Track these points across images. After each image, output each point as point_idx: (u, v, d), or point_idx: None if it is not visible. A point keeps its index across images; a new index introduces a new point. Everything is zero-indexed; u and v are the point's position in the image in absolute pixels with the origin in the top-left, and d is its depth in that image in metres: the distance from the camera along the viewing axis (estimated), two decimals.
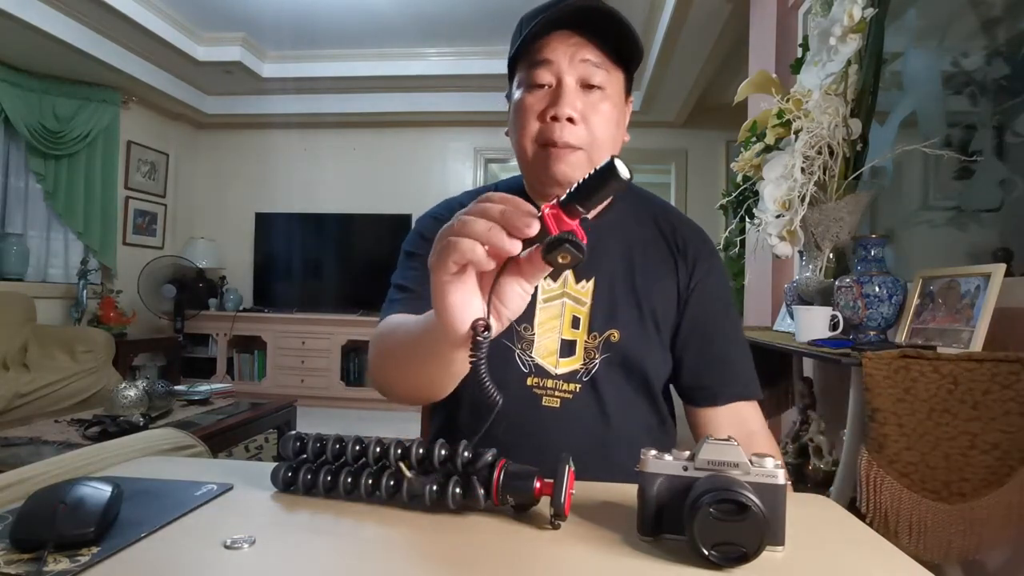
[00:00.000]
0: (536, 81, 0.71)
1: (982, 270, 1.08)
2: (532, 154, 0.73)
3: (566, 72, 0.70)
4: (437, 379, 0.58)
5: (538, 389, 0.73)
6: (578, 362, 0.74)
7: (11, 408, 2.72)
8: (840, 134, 1.32)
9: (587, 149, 0.71)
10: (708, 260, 0.79)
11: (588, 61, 0.70)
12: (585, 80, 0.71)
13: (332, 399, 4.30)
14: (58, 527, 0.41)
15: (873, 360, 0.98)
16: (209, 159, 5.01)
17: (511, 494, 0.48)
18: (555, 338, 0.74)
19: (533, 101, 0.72)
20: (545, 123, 0.71)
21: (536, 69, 0.71)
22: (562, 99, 0.70)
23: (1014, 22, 1.29)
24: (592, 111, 0.71)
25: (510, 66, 0.77)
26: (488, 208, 0.43)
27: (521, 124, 0.73)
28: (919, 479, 0.95)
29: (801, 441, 1.54)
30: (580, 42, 0.70)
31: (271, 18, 3.65)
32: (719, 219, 2.64)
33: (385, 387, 0.67)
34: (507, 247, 0.42)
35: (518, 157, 0.76)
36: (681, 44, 3.21)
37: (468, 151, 4.79)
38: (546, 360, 0.74)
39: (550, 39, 0.71)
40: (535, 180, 0.76)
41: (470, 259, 0.42)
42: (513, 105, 0.75)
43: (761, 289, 2.28)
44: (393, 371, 0.64)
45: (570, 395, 0.73)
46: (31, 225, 3.83)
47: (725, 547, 0.40)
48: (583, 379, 0.73)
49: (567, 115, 0.69)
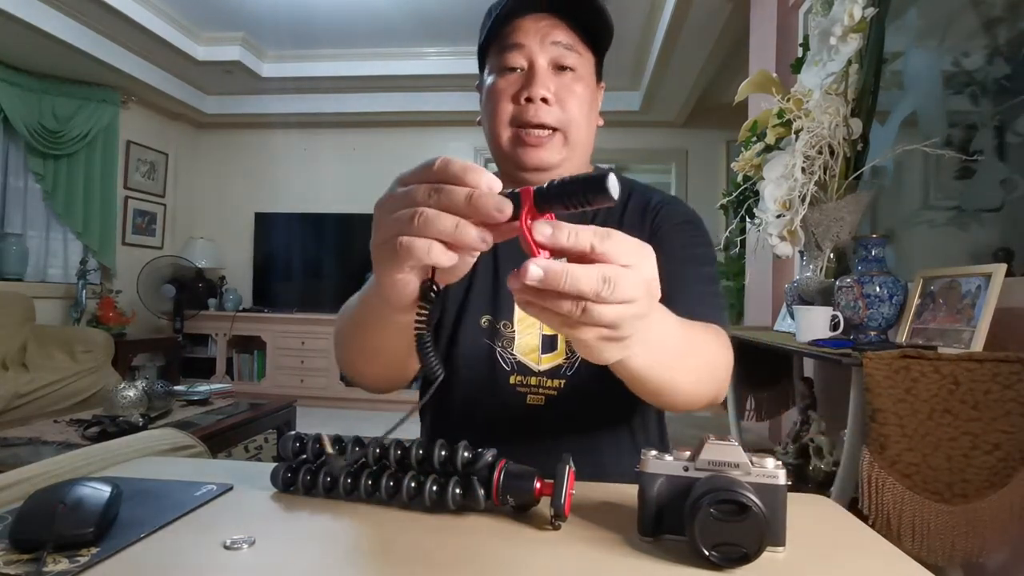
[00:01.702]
0: (508, 64, 0.71)
1: (983, 270, 1.08)
2: (507, 138, 0.72)
3: (538, 54, 0.70)
4: (391, 349, 0.54)
5: (522, 387, 0.72)
6: (560, 357, 0.73)
7: (10, 408, 2.72)
8: (841, 134, 1.32)
9: (562, 129, 0.71)
10: (670, 217, 0.75)
11: (559, 43, 0.70)
12: (557, 62, 0.71)
13: (332, 399, 4.30)
14: (57, 527, 0.41)
15: (874, 360, 0.98)
16: (209, 159, 5.00)
17: (511, 494, 0.48)
18: (536, 334, 0.73)
19: (506, 85, 0.71)
20: (519, 105, 0.70)
21: (507, 53, 0.71)
22: (535, 80, 0.69)
23: (1014, 22, 1.29)
24: (566, 92, 0.71)
25: (480, 55, 0.77)
26: (453, 193, 0.35)
27: (494, 108, 0.72)
28: (921, 480, 0.95)
29: (802, 441, 1.54)
30: (551, 23, 0.70)
31: (271, 18, 3.65)
32: (719, 219, 2.64)
33: (350, 370, 0.63)
34: (478, 245, 0.35)
35: (491, 144, 0.75)
36: (681, 44, 3.21)
37: (468, 151, 4.79)
38: (528, 357, 0.73)
39: (520, 22, 0.71)
40: (511, 167, 0.74)
41: (431, 262, 0.36)
42: (485, 90, 0.74)
43: (761, 289, 2.28)
44: (350, 349, 0.60)
45: (555, 392, 0.72)
46: (30, 225, 3.83)
47: (726, 547, 0.40)
48: (567, 374, 0.72)
49: (541, 95, 0.69)
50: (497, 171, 0.80)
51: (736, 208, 1.70)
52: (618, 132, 4.48)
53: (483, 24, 0.75)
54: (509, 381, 0.73)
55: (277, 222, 4.78)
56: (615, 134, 4.45)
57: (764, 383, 1.82)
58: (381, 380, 0.63)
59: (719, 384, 0.60)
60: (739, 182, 1.65)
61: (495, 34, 0.72)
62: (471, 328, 0.74)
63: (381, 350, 0.56)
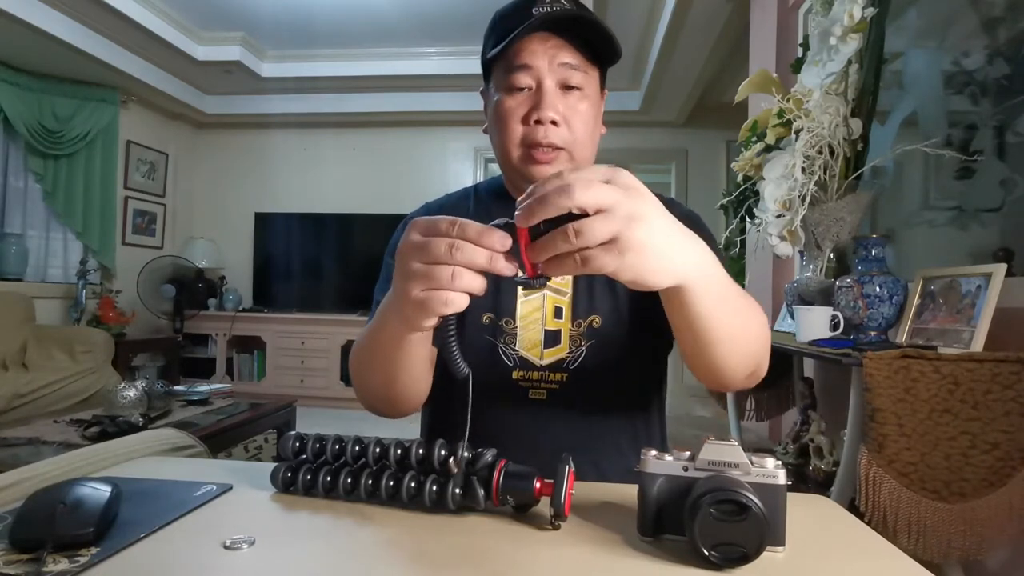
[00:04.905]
0: (516, 85, 0.72)
1: (983, 270, 1.08)
2: (517, 156, 0.74)
3: (546, 76, 0.71)
4: (411, 367, 0.60)
5: (524, 382, 0.74)
6: (563, 351, 0.74)
7: (10, 408, 2.72)
8: (841, 134, 1.32)
9: (569, 148, 0.73)
10: None
11: (567, 64, 0.71)
12: (564, 82, 0.72)
13: (332, 399, 4.29)
14: (57, 527, 0.41)
15: (874, 360, 0.98)
16: (209, 159, 5.00)
17: (511, 494, 0.48)
18: (538, 329, 0.75)
19: (514, 105, 0.73)
20: (528, 126, 0.72)
21: (515, 73, 0.72)
22: (544, 103, 0.71)
23: (1014, 22, 1.29)
24: (572, 112, 0.72)
25: (485, 63, 0.77)
26: (477, 254, 0.43)
27: (504, 127, 0.74)
28: (919, 479, 0.95)
29: (802, 441, 1.55)
30: (558, 44, 0.71)
31: (270, 17, 3.65)
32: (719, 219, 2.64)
33: (369, 398, 0.68)
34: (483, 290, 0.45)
35: (500, 158, 0.77)
36: (681, 44, 3.21)
37: (468, 151, 4.79)
38: (530, 352, 0.74)
39: (528, 42, 0.71)
40: (519, 180, 0.76)
41: (460, 308, 0.45)
42: (493, 108, 0.76)
43: (761, 289, 2.28)
44: (372, 377, 0.65)
45: (557, 386, 0.73)
46: (30, 225, 3.83)
47: (725, 547, 0.40)
48: (570, 367, 0.73)
49: (550, 118, 0.70)
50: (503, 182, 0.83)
51: (736, 208, 1.70)
52: (618, 132, 4.48)
53: (488, 33, 0.75)
54: (512, 376, 0.74)
55: (277, 222, 4.78)
56: (615, 134, 4.44)
57: (764, 383, 1.82)
58: (403, 401, 0.67)
59: (765, 353, 0.62)
60: (739, 182, 1.65)
61: (503, 50, 0.72)
62: (472, 326, 0.75)
63: (401, 371, 0.61)
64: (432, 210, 0.84)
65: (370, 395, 0.67)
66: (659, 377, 0.81)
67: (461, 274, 0.43)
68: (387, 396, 0.66)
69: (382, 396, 0.66)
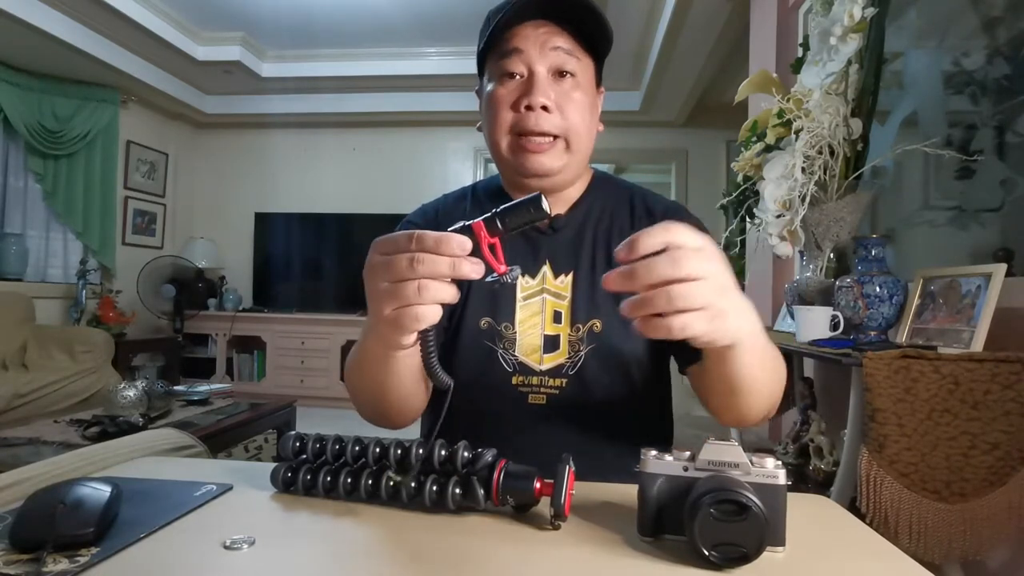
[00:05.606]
0: (507, 70, 0.71)
1: (983, 270, 1.08)
2: (507, 145, 0.72)
3: (537, 61, 0.70)
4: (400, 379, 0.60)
5: (523, 387, 0.73)
6: (563, 356, 0.73)
7: (10, 408, 2.72)
8: (841, 134, 1.32)
9: (563, 136, 0.71)
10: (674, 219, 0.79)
11: (559, 49, 0.70)
12: (557, 68, 0.71)
13: (332, 399, 4.29)
14: (57, 527, 0.41)
15: (874, 360, 0.98)
16: (208, 159, 5.00)
17: (511, 494, 0.48)
18: (537, 334, 0.74)
19: (505, 92, 0.71)
20: (519, 113, 0.70)
21: (507, 59, 0.71)
22: (535, 87, 0.69)
23: (1014, 22, 1.29)
24: (565, 99, 0.71)
25: (480, 61, 0.77)
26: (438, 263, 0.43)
27: (494, 116, 0.72)
28: (919, 479, 0.95)
29: (802, 441, 1.54)
30: (550, 30, 0.70)
31: (270, 17, 3.65)
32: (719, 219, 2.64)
33: (366, 412, 0.68)
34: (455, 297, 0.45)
35: (492, 151, 0.75)
36: (681, 44, 3.21)
37: (468, 151, 4.79)
38: (530, 357, 0.73)
39: (520, 28, 0.70)
40: (512, 173, 0.75)
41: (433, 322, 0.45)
42: (485, 98, 0.74)
43: (761, 289, 2.28)
44: (361, 394, 0.65)
45: (556, 391, 0.72)
46: (30, 225, 3.83)
47: (725, 547, 0.40)
48: (569, 373, 0.72)
49: (541, 103, 0.69)
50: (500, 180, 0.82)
51: (736, 208, 1.70)
52: (618, 132, 4.48)
53: (482, 30, 0.74)
54: (511, 382, 0.73)
55: (277, 222, 4.78)
56: (615, 134, 4.45)
57: None
58: (396, 415, 0.67)
59: (781, 392, 0.64)
60: (739, 182, 1.65)
61: (495, 39, 0.72)
62: (471, 331, 0.74)
63: (390, 389, 0.61)
64: (428, 212, 0.83)
65: (366, 410, 0.67)
66: (663, 381, 0.79)
67: (427, 286, 0.44)
68: (381, 412, 0.66)
69: (377, 411, 0.66)
